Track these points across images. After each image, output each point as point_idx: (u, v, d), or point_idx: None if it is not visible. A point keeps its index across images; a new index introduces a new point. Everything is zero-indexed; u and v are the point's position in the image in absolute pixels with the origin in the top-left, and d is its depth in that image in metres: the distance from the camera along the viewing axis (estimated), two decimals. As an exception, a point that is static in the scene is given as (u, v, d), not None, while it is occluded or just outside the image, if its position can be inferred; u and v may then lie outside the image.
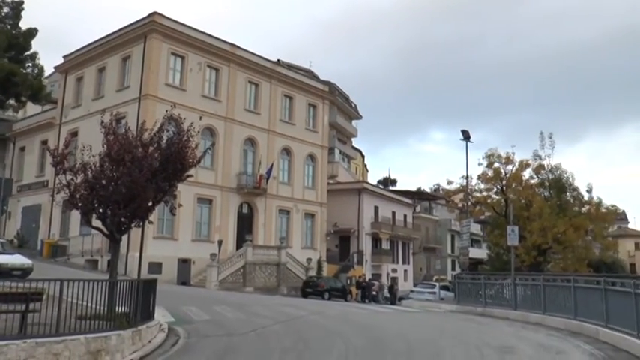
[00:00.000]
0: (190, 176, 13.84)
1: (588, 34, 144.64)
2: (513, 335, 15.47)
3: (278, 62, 46.29)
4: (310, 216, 44.79)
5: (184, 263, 33.84)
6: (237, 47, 39.78)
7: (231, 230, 38.21)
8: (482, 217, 44.55)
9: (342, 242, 50.27)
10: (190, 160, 13.04)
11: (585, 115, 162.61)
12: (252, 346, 11.87)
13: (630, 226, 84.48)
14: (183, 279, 33.23)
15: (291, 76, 44.57)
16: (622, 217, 73.96)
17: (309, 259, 41.01)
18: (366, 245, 50.83)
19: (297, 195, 43.58)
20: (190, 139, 13.09)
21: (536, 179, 39.13)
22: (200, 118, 18.51)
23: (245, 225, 39.34)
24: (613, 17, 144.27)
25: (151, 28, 34.75)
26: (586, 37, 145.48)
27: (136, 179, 11.74)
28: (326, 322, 16.78)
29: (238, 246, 37.57)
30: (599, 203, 38.56)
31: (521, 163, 38.33)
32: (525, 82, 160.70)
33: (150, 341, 11.49)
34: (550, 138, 37.83)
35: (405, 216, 59.64)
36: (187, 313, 16.68)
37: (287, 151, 43.31)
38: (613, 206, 40.08)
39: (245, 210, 39.94)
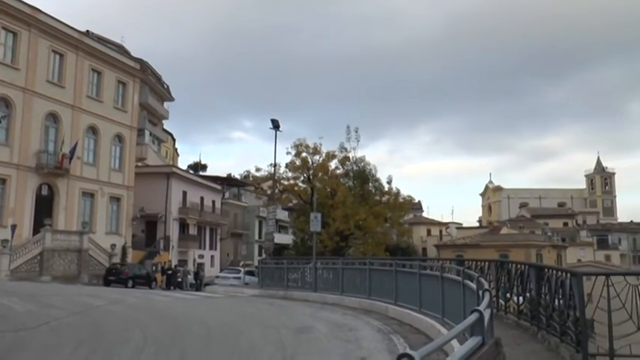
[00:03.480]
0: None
1: (392, 40, 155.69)
2: (311, 316, 16.24)
3: (87, 33, 43.20)
4: (116, 200, 42.81)
5: (-30, 251, 30.31)
6: (40, 11, 36.20)
7: (27, 214, 35.03)
8: (290, 205, 46.03)
9: (149, 227, 48.74)
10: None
11: (388, 114, 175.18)
12: (41, 340, 10.94)
13: (424, 214, 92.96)
14: (-33, 269, 29.80)
15: (100, 50, 41.89)
16: (417, 207, 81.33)
17: (113, 246, 39.31)
18: (173, 231, 49.89)
19: (103, 177, 41.36)
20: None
21: (342, 170, 41.46)
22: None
23: (44, 208, 36.32)
24: (413, 28, 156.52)
25: None
26: (390, 43, 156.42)
27: None
28: (126, 312, 16.20)
29: (36, 231, 34.61)
30: (398, 193, 41.95)
31: (328, 154, 40.32)
32: (335, 77, 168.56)
33: None
34: (356, 132, 40.42)
35: (214, 202, 59.46)
36: (-33, 308, 15.05)
37: (93, 130, 40.82)
38: (409, 196, 43.91)
39: (45, 192, 36.93)
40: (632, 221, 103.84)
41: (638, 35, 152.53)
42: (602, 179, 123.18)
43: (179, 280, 38.80)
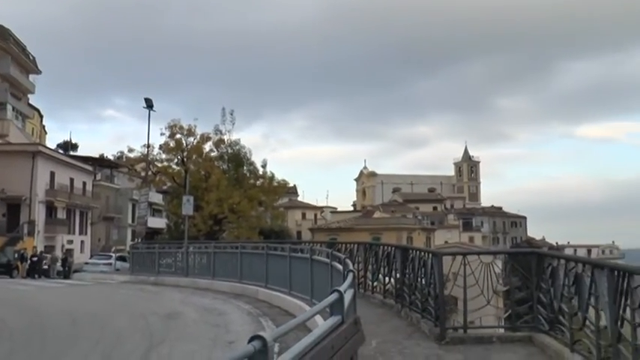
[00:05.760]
0: None
1: (267, 23, 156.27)
2: (181, 301, 16.17)
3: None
4: (-28, 180, 39.71)
5: None
6: None
7: None
8: (165, 187, 44.93)
9: (11, 211, 45.52)
10: None
11: (264, 97, 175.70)
12: None
13: (300, 198, 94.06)
14: None
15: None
16: (293, 191, 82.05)
17: (-32, 231, 36.52)
18: (39, 214, 46.98)
19: (-44, 156, 38.17)
20: None
21: (216, 152, 40.92)
22: None
23: None
24: (289, 12, 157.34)
25: None
26: (265, 25, 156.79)
27: None
28: (-22, 306, 15.21)
29: None
30: (272, 177, 42.09)
31: (202, 136, 39.61)
32: (211, 58, 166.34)
33: None
34: (231, 114, 40.02)
35: (85, 183, 56.72)
36: None
37: (-55, 104, 37.48)
38: (284, 180, 44.18)
39: None
40: (492, 206, 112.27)
41: (500, 36, 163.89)
42: (468, 167, 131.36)
43: (45, 267, 36.71)
